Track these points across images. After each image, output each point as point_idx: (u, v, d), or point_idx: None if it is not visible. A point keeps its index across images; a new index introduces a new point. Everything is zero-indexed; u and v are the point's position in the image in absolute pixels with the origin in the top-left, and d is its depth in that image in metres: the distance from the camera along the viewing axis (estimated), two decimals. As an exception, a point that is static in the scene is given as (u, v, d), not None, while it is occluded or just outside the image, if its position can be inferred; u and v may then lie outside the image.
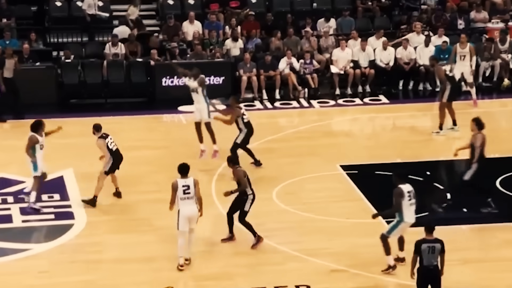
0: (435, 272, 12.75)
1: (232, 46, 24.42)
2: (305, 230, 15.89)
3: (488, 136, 19.99)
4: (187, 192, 14.30)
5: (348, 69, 23.83)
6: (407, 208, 14.07)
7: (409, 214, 14.12)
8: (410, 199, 14.07)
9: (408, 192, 14.06)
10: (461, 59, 21.95)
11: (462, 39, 22.16)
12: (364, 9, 26.10)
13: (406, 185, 14.09)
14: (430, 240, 12.75)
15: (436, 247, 12.71)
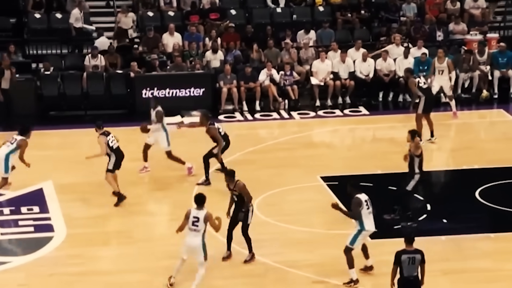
0: (416, 283, 12.79)
1: (212, 57, 24.44)
2: (286, 242, 15.89)
3: (467, 147, 20.23)
4: (195, 224, 14.02)
5: (328, 81, 23.90)
6: (366, 216, 14.25)
7: (369, 223, 14.30)
8: (368, 208, 14.28)
9: (366, 201, 14.26)
10: (439, 73, 22.08)
11: (439, 54, 22.32)
12: (343, 21, 26.20)
13: (362, 195, 14.28)
14: (410, 251, 12.80)
15: (416, 258, 12.76)
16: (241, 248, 15.50)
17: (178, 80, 23.67)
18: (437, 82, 22.06)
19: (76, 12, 25.22)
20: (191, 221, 14.03)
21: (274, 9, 26.55)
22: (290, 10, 26.62)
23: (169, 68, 24.16)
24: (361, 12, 26.47)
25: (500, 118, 22.83)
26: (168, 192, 18.20)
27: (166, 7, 26.43)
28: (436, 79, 22.03)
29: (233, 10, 26.37)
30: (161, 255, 15.41)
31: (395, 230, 16.31)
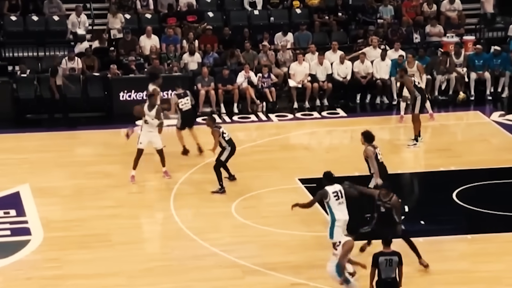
0: (393, 285, 12.82)
1: (189, 60, 24.40)
2: (264, 244, 15.89)
3: (444, 149, 20.29)
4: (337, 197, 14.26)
5: (306, 83, 23.93)
6: (336, 207, 14.53)
7: (339, 213, 14.54)
8: (337, 198, 14.53)
9: (334, 192, 14.52)
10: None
11: (409, 59, 22.42)
12: (321, 23, 26.24)
13: (334, 186, 14.55)
14: (387, 252, 12.84)
15: (394, 260, 12.79)
16: (219, 250, 15.51)
17: (156, 82, 23.56)
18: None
19: (73, 17, 25.16)
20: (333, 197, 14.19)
21: (251, 11, 26.56)
22: (268, 12, 26.64)
23: (146, 70, 24.09)
24: (339, 14, 26.53)
25: (476, 120, 22.95)
26: (147, 195, 18.14)
27: (143, 10, 26.37)
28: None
29: (211, 13, 26.35)
30: (140, 258, 15.36)
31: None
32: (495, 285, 14.28)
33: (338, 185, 14.62)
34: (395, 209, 14.36)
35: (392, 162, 19.70)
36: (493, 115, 22.91)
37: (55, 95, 22.36)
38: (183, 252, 15.59)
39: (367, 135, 16.35)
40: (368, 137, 16.32)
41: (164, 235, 16.54)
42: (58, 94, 22.35)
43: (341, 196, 14.59)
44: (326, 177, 14.69)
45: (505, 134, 21.54)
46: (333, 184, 14.57)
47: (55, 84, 22.36)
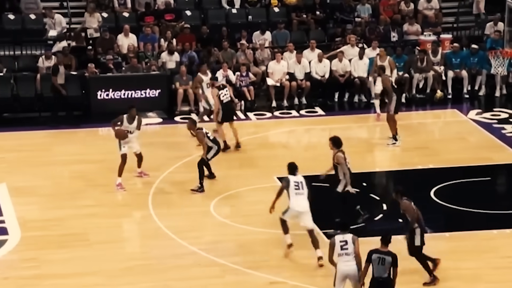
0: (384, 285, 12.75)
1: (167, 59, 24.34)
2: (243, 243, 15.88)
3: (422, 147, 20.36)
4: (344, 248, 13.16)
5: (284, 82, 23.93)
6: (294, 197, 15.10)
7: (294, 202, 15.08)
8: (297, 189, 15.07)
9: (296, 183, 15.06)
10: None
11: (380, 53, 22.47)
12: (299, 21, 26.25)
13: (297, 176, 15.15)
14: (382, 251, 12.80)
15: (387, 260, 12.73)
16: (198, 249, 15.49)
17: (134, 81, 23.54)
18: (380, 81, 22.17)
19: (59, 17, 25.02)
20: (339, 246, 13.21)
21: (229, 10, 26.53)
22: (246, 11, 26.62)
23: (124, 69, 24.01)
24: (316, 13, 26.55)
25: (454, 118, 23.05)
26: (125, 194, 18.07)
27: (120, 8, 26.27)
28: (378, 78, 22.17)
29: (188, 11, 26.29)
30: (118, 257, 15.32)
31: (352, 230, 16.35)
32: (474, 283, 14.35)
33: (301, 177, 15.20)
34: (407, 213, 14.27)
35: (370, 161, 19.84)
36: (470, 113, 23.02)
37: (61, 92, 22.45)
38: (162, 251, 15.56)
39: (336, 140, 16.34)
40: (337, 143, 16.32)
41: (142, 234, 16.49)
42: (64, 91, 22.47)
43: (301, 188, 15.12)
44: (289, 167, 15.28)
45: (482, 132, 21.65)
46: (296, 175, 15.18)
47: (57, 83, 22.35)
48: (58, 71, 22.61)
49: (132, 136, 18.18)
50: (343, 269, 13.15)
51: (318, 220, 16.42)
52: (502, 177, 19.51)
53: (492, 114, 22.85)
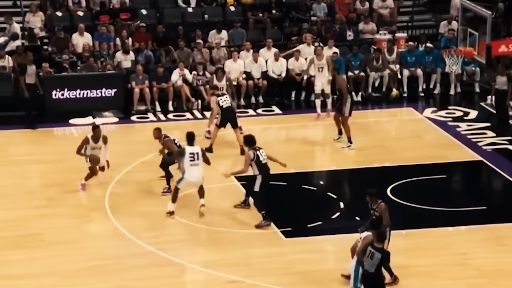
0: (370, 280, 12.83)
1: (123, 58, 24.21)
2: (201, 242, 15.87)
3: (378, 145, 20.47)
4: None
5: (241, 80, 23.93)
6: (188, 167, 16.19)
7: (189, 174, 16.21)
8: (192, 160, 16.14)
9: (191, 154, 16.19)
10: (319, 71, 22.31)
11: (318, 51, 22.51)
12: (255, 20, 26.27)
13: (194, 147, 16.29)
14: (375, 247, 12.87)
15: (375, 256, 12.80)
16: (155, 249, 15.43)
17: (89, 80, 23.38)
18: (319, 80, 22.27)
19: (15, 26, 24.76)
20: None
21: (185, 9, 26.46)
22: (202, 10, 26.57)
23: (79, 68, 23.84)
24: (272, 12, 26.59)
25: (409, 117, 23.22)
26: (81, 194, 17.93)
27: (75, 7, 26.08)
28: (318, 77, 22.25)
29: (144, 10, 26.18)
30: (75, 258, 15.21)
31: (309, 229, 16.46)
32: (430, 279, 14.46)
33: (198, 148, 16.36)
34: (383, 216, 14.31)
35: (327, 159, 19.93)
36: (426, 111, 23.20)
37: (24, 93, 21.90)
38: (119, 251, 15.48)
39: (248, 139, 16.67)
40: (249, 141, 16.59)
41: (99, 234, 16.38)
42: (27, 92, 21.84)
43: (197, 159, 16.20)
44: (187, 136, 16.43)
45: (437, 130, 21.84)
46: (193, 146, 16.30)
47: (24, 82, 21.93)
48: (26, 71, 22.08)
49: (101, 151, 17.83)
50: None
51: (275, 218, 16.52)
52: (457, 175, 19.70)
53: (447, 112, 23.07)
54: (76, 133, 21.71)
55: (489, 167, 19.43)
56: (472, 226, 14.94)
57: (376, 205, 14.37)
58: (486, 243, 15.32)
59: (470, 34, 20.68)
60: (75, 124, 22.19)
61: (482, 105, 23.52)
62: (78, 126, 22.14)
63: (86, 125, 21.99)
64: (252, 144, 16.50)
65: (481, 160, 19.78)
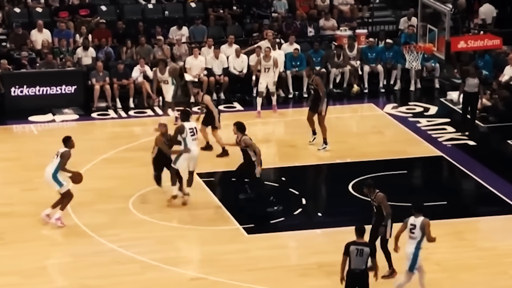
0: (361, 277, 12.79)
1: (83, 54, 24.02)
2: (163, 239, 15.79)
3: (340, 141, 20.52)
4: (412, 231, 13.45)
5: (202, 77, 23.85)
6: (190, 142, 16.85)
7: (193, 147, 16.88)
8: (192, 134, 16.88)
9: (191, 128, 16.91)
10: (265, 71, 22.31)
11: (266, 52, 22.50)
12: (216, 17, 26.20)
13: (191, 123, 17.04)
14: (359, 243, 12.86)
15: (365, 251, 12.79)
16: (117, 246, 15.33)
17: (49, 77, 23.16)
18: (264, 80, 22.26)
19: None
20: (408, 228, 13.49)
21: (145, 5, 26.32)
22: (162, 6, 26.44)
23: (39, 65, 23.61)
24: (233, 8, 26.55)
25: (370, 112, 23.31)
26: (41, 192, 17.73)
27: (33, 3, 25.83)
28: (262, 76, 22.22)
29: (104, 6, 25.99)
30: (35, 256, 15.07)
31: (271, 225, 16.46)
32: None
33: (194, 123, 17.22)
34: (383, 206, 14.34)
35: (288, 155, 19.92)
36: (386, 107, 23.31)
37: None
38: (80, 249, 15.36)
39: (240, 125, 17.15)
40: (242, 128, 17.07)
41: (60, 232, 16.23)
42: None
43: (196, 133, 16.96)
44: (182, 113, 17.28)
45: (398, 126, 21.94)
46: (189, 122, 16.96)
47: None
48: None
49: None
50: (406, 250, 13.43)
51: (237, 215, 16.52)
52: (418, 170, 19.82)
53: (407, 108, 23.19)
54: (36, 130, 21.51)
55: (449, 162, 19.58)
56: (433, 221, 14.95)
57: (374, 195, 14.38)
58: (447, 238, 15.41)
59: (429, 30, 20.78)
60: (34, 122, 21.97)
61: (442, 100, 23.69)
62: (37, 123, 21.93)
63: (46, 122, 21.82)
64: (244, 130, 17.01)
65: (441, 156, 19.92)
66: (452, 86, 24.30)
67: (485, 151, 20.16)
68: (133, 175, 18.33)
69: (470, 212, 17.14)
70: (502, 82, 22.87)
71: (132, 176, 18.28)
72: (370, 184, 14.46)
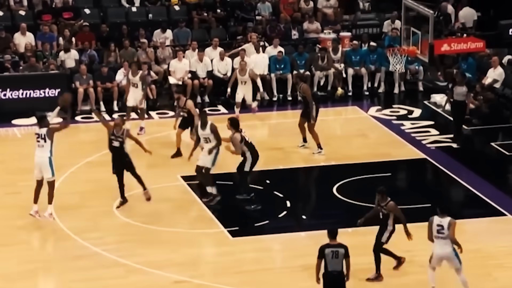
0: (339, 279, 12.84)
1: (65, 57, 23.94)
2: (147, 242, 15.74)
3: (324, 144, 20.52)
4: (440, 232, 13.67)
5: (186, 80, 23.82)
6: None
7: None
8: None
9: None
10: (242, 84, 22.03)
11: (241, 65, 22.25)
12: (200, 20, 26.17)
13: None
14: (333, 245, 12.87)
15: (340, 252, 12.83)
16: (101, 250, 15.29)
17: (32, 80, 23.08)
18: (241, 90, 22.05)
19: None
20: (435, 229, 13.67)
21: (129, 8, 26.26)
22: (146, 9, 26.39)
23: (22, 68, 23.52)
24: (217, 11, 26.54)
25: (354, 115, 23.34)
26: (25, 195, 17.63)
27: (16, 6, 25.73)
28: (240, 88, 21.99)
29: (87, 9, 25.92)
30: (18, 260, 15.04)
31: (256, 228, 16.44)
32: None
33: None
34: (392, 215, 14.39)
35: (273, 158, 19.90)
36: (370, 110, 23.34)
37: None
38: (64, 253, 15.31)
39: (234, 122, 17.28)
40: (235, 124, 17.22)
41: (43, 235, 16.17)
42: None
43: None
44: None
45: (382, 129, 21.98)
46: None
47: None
48: None
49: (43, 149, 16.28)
50: (438, 252, 13.61)
51: (222, 218, 16.50)
52: (402, 173, 19.85)
53: (391, 111, 23.24)
54: (19, 133, 21.43)
55: (433, 165, 19.62)
56: (417, 224, 15.01)
57: (385, 203, 14.42)
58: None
59: (413, 33, 20.84)
60: (18, 125, 21.89)
61: (426, 103, 23.75)
62: (21, 126, 21.84)
63: (29, 125, 21.73)
64: (237, 126, 17.12)
65: (425, 158, 19.96)
66: (436, 89, 24.38)
67: (469, 154, 20.23)
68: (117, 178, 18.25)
69: (455, 214, 17.10)
70: (486, 84, 22.97)
71: (116, 179, 18.19)
72: (383, 191, 14.50)
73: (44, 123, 16.29)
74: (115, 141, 16.86)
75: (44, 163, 16.17)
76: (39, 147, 16.22)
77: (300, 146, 20.34)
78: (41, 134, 16.19)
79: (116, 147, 16.93)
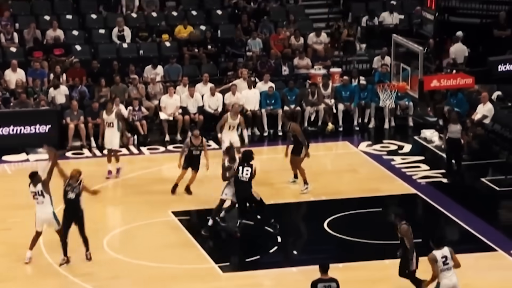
0: None
1: (56, 93, 23.98)
2: (138, 279, 15.68)
3: (315, 179, 20.55)
4: (446, 263, 13.73)
5: (177, 115, 23.87)
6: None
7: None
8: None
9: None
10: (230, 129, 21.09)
11: (234, 109, 21.80)
12: (190, 56, 26.29)
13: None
14: (325, 279, 12.85)
15: (332, 286, 12.82)
16: (92, 286, 15.18)
17: (23, 117, 23.08)
18: (226, 137, 21.41)
19: None
20: (441, 262, 13.71)
21: (120, 44, 26.37)
22: (137, 45, 26.51)
23: (12, 105, 23.54)
24: (208, 47, 26.67)
25: (345, 150, 23.40)
26: (14, 231, 17.59)
27: (8, 43, 25.82)
28: (225, 134, 21.09)
29: (78, 46, 26.01)
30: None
31: (247, 263, 16.40)
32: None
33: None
34: (405, 239, 14.44)
35: (264, 193, 19.82)
36: (361, 145, 23.41)
37: None
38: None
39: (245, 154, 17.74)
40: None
41: (33, 272, 16.08)
42: None
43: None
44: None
45: (372, 164, 22.03)
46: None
47: None
48: None
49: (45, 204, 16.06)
50: (447, 283, 13.63)
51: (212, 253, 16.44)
52: (393, 208, 19.83)
53: (381, 146, 23.30)
54: (9, 170, 21.39)
55: (423, 200, 19.65)
56: (408, 259, 15.02)
57: (399, 226, 14.51)
58: (421, 275, 15.37)
59: (403, 69, 20.97)
60: (8, 161, 21.86)
61: (416, 138, 23.83)
62: (11, 163, 21.81)
63: (20, 161, 21.70)
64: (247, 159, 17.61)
65: (415, 193, 19.99)
66: (426, 124, 24.48)
67: (459, 189, 20.27)
68: (108, 214, 18.26)
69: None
70: (475, 120, 23.08)
71: (107, 215, 18.20)
72: (399, 214, 14.65)
73: (37, 179, 15.91)
74: (70, 192, 15.99)
75: (50, 219, 15.97)
76: (38, 204, 15.87)
77: (291, 181, 20.36)
78: (37, 192, 15.86)
79: (71, 199, 16.05)
